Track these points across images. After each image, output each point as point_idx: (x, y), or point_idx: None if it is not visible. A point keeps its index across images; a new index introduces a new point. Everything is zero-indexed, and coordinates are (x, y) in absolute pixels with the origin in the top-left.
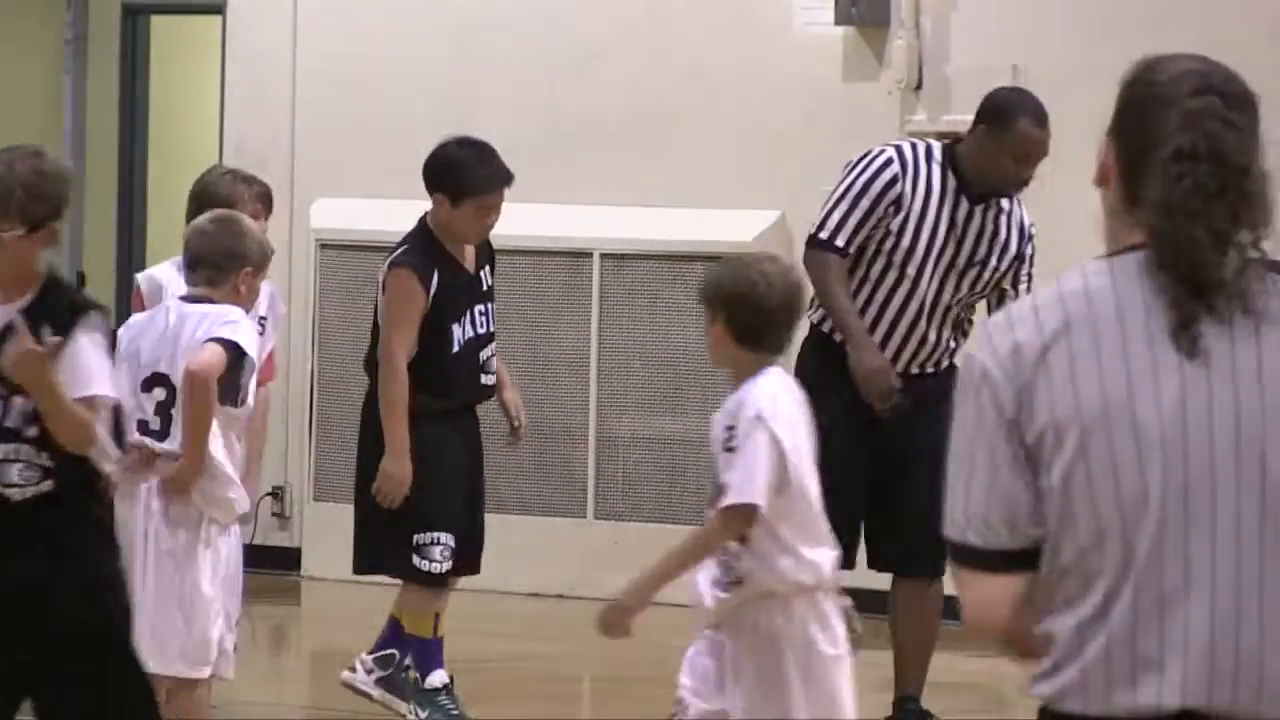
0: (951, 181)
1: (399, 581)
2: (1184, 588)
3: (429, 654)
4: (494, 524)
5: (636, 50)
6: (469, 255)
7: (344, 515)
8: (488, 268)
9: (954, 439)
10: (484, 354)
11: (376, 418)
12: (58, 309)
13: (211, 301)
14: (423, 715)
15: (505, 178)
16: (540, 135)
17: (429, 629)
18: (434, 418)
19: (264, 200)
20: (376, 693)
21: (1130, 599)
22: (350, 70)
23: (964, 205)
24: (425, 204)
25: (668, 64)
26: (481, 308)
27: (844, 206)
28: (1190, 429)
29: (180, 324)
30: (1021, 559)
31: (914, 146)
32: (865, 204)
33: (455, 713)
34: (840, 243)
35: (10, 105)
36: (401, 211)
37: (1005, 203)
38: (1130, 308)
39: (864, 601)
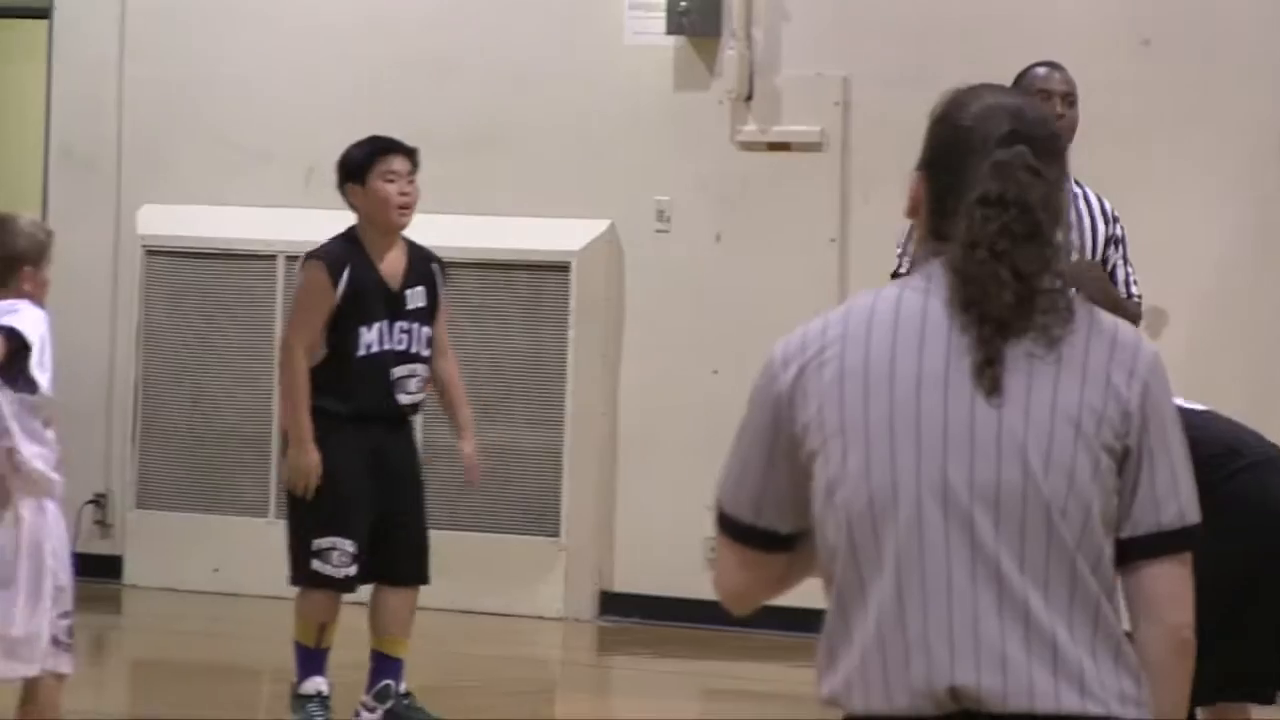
0: None
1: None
2: (941, 580)
3: (309, 660)
4: None
5: (469, 61)
6: (394, 269)
7: (167, 523)
8: (421, 289)
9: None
10: (398, 371)
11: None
12: None
13: None
14: (293, 718)
15: (396, 144)
16: None
17: (312, 635)
18: (336, 423)
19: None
20: None
21: (881, 599)
22: (179, 77)
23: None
24: (258, 209)
25: (499, 74)
26: (404, 325)
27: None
28: (951, 424)
29: None
30: (759, 539)
31: None
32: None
33: None
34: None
35: None
36: (229, 218)
37: (1077, 189)
38: (908, 324)
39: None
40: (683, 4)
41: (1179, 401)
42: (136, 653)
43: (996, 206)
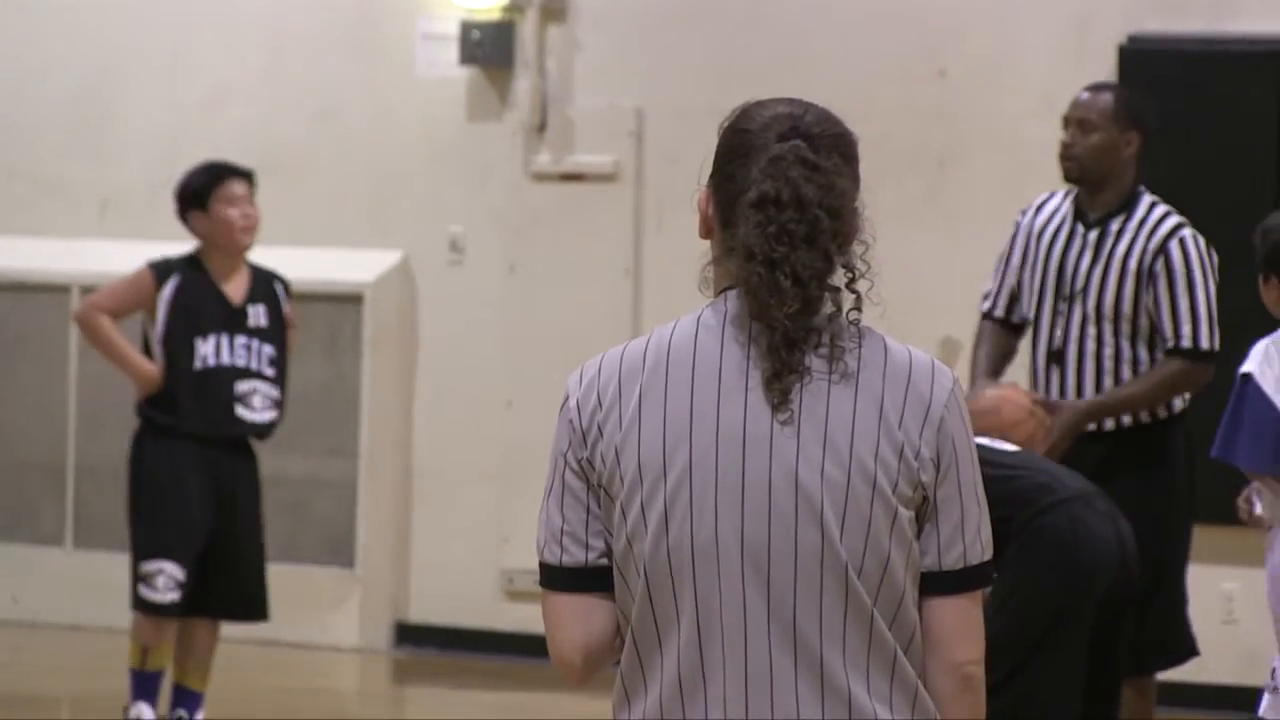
0: (1070, 210)
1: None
2: (739, 639)
3: (140, 685)
4: (116, 564)
5: (260, 91)
6: (236, 285)
7: None
8: (263, 306)
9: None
10: (241, 387)
11: (135, 454)
12: None
13: None
14: None
15: (234, 169)
16: (165, 176)
17: (138, 659)
18: (173, 446)
19: None
20: None
21: (679, 653)
22: None
23: (1079, 231)
24: (52, 240)
25: (291, 104)
26: (244, 340)
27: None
28: (750, 483)
29: None
30: (591, 578)
31: (1060, 192)
32: (1001, 265)
33: None
34: (985, 307)
35: None
36: (21, 249)
37: (1129, 224)
38: (706, 357)
39: None
40: (475, 34)
41: (993, 444)
42: None
43: (772, 207)
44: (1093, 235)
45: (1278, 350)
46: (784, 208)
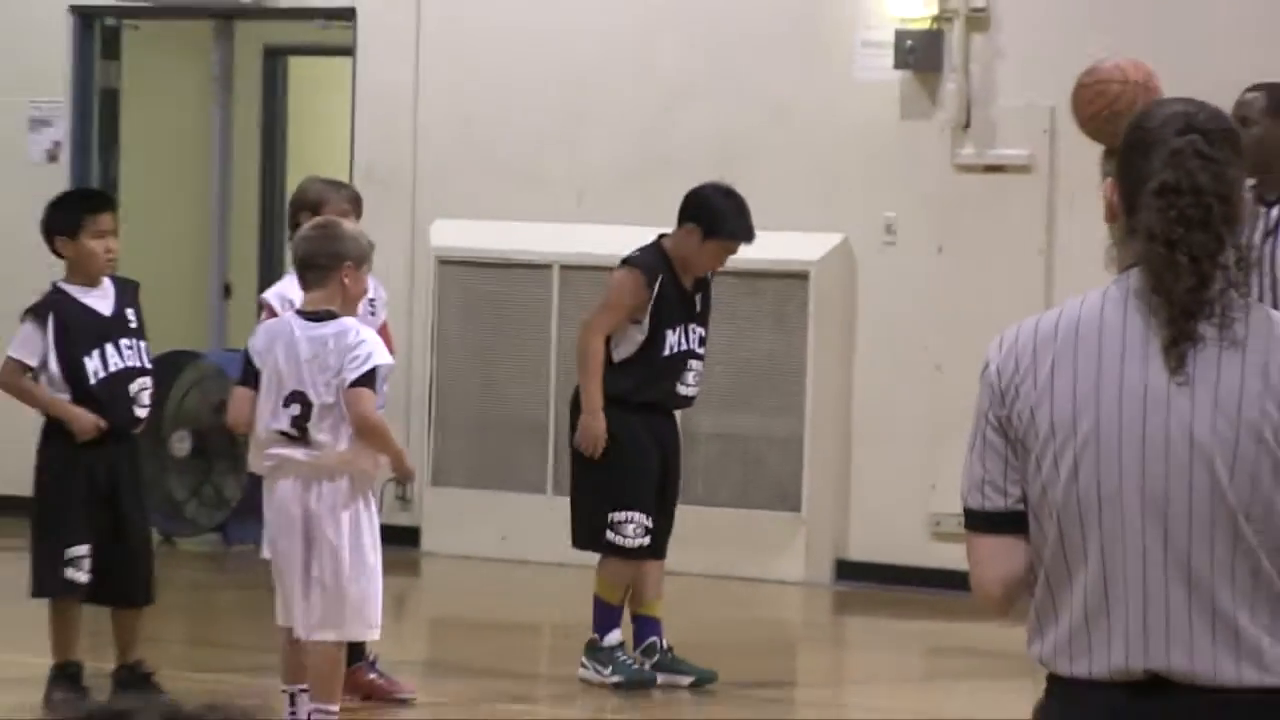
0: (1250, 197)
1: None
2: (1138, 575)
3: (612, 618)
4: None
5: (719, 90)
6: (687, 279)
7: (458, 498)
8: (700, 295)
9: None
10: (690, 365)
11: (579, 411)
12: None
13: (328, 315)
14: (605, 672)
15: (751, 234)
16: (638, 164)
17: (618, 597)
18: (629, 410)
19: (352, 202)
20: (661, 677)
21: (1086, 588)
22: (467, 104)
23: (1260, 211)
24: (536, 225)
25: (746, 102)
26: (694, 326)
27: None
28: (1149, 438)
29: (310, 348)
30: (1010, 521)
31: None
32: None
33: (635, 668)
34: None
35: (166, 134)
36: (511, 232)
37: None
38: (1111, 327)
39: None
40: (908, 42)
41: None
42: (434, 611)
43: (1171, 194)
44: (1275, 212)
45: None
46: (1182, 194)
